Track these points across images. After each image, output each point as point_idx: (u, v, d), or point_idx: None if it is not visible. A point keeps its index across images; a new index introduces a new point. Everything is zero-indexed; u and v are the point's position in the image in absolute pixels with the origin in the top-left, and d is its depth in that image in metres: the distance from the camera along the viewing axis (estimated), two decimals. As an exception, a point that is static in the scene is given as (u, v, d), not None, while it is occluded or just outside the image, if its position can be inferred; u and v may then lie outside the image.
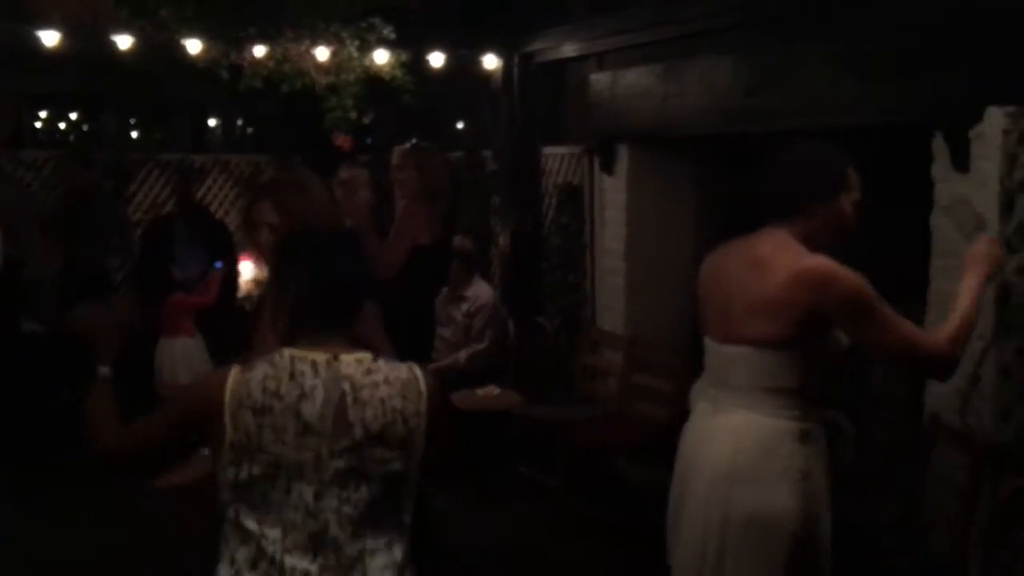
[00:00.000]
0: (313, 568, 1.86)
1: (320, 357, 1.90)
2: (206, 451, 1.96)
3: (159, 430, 1.95)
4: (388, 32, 5.68)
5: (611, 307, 5.74)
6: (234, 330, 6.06)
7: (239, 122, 8.30)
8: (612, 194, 5.71)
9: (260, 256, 2.69)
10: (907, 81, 3.67)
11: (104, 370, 2.03)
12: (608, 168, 5.70)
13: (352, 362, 1.92)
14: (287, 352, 1.91)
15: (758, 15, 4.45)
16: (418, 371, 1.99)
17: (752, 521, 2.35)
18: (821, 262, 2.32)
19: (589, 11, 5.83)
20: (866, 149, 2.75)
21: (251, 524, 1.87)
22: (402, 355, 2.72)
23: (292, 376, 1.86)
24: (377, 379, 1.92)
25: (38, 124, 8.16)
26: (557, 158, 6.28)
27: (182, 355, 5.60)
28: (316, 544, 1.86)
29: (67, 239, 6.61)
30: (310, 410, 1.85)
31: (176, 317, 5.67)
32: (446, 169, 4.64)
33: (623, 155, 5.60)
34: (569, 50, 5.96)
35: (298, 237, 2.13)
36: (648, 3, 5.19)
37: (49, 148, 7.49)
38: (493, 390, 5.51)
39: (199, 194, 7.25)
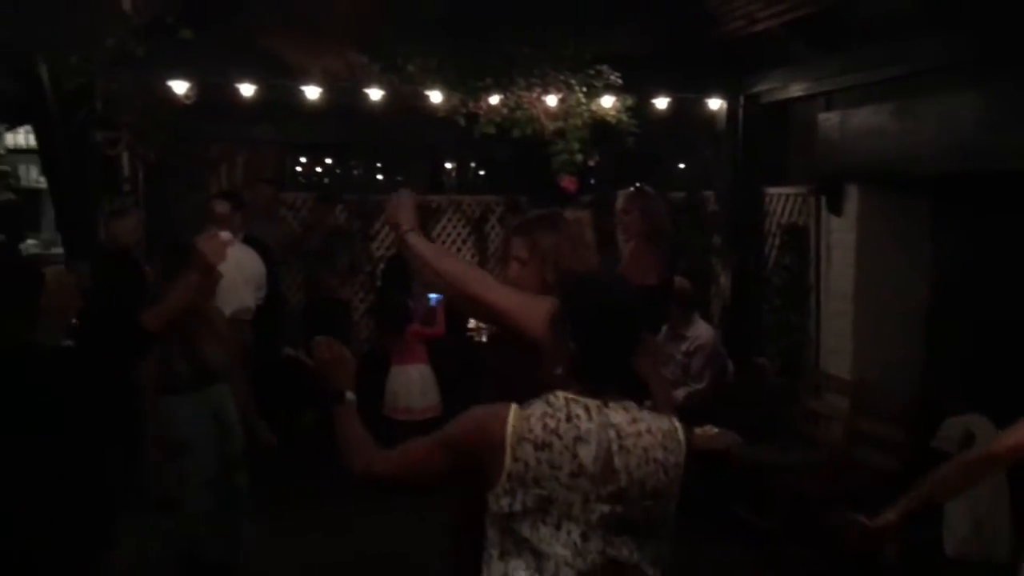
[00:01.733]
0: None
1: (592, 403, 1.95)
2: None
3: (433, 456, 2.00)
4: (615, 78, 5.87)
5: (836, 350, 5.57)
6: (460, 359, 6.43)
7: (472, 165, 8.81)
8: (840, 235, 5.57)
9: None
10: None
11: (350, 395, 2.17)
12: (836, 208, 5.56)
13: (620, 410, 1.97)
14: (561, 394, 1.97)
15: (1002, 49, 4.24)
16: (677, 423, 2.03)
17: None
18: None
19: (816, 51, 5.75)
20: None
21: (519, 559, 1.93)
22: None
23: (568, 418, 1.93)
24: (641, 428, 1.95)
25: (297, 168, 9.09)
26: (780, 198, 6.20)
27: (416, 382, 5.98)
28: None
29: (316, 273, 7.30)
30: (585, 453, 1.90)
31: (411, 346, 6.07)
32: (668, 211, 4.72)
33: (852, 195, 5.46)
34: (796, 90, 5.90)
35: (589, 280, 2.15)
36: (878, 41, 5.06)
37: (305, 191, 8.31)
38: (711, 429, 5.45)
39: (434, 232, 7.78)
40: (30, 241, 7.92)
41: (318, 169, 9.25)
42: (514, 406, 1.96)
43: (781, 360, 5.92)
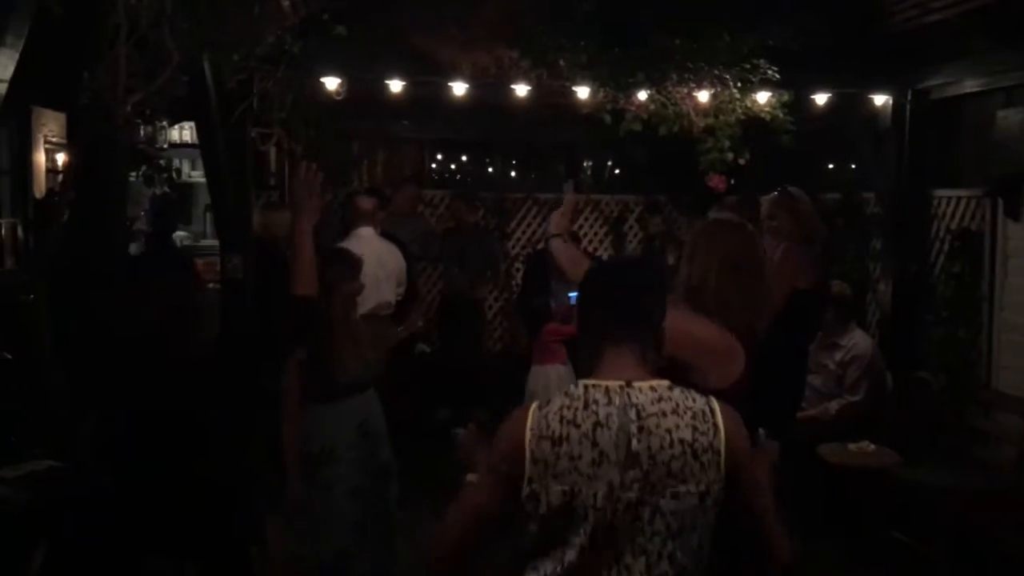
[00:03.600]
0: None
1: (613, 384, 1.86)
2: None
3: (485, 492, 1.92)
4: (772, 73, 5.63)
5: (1012, 367, 5.18)
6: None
7: (608, 164, 8.68)
8: (1018, 242, 5.20)
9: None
10: None
11: (472, 477, 2.04)
12: (1014, 213, 5.19)
13: (646, 389, 1.86)
14: (582, 383, 1.90)
15: None
16: (715, 404, 1.89)
17: None
18: None
19: (994, 44, 5.35)
20: None
21: (547, 559, 1.85)
22: (772, 401, 2.64)
23: (586, 405, 1.84)
24: (666, 408, 1.84)
25: (433, 165, 9.15)
26: (951, 201, 5.82)
27: (556, 382, 5.89)
28: (611, 573, 1.82)
29: (449, 271, 7.32)
30: (605, 438, 1.81)
31: (550, 345, 5.99)
32: (817, 212, 4.48)
33: (1033, 198, 5.05)
34: (971, 85, 5.52)
35: (595, 269, 2.16)
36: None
37: (441, 188, 8.36)
38: (867, 446, 5.17)
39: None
40: (181, 233, 8.24)
41: (452, 166, 9.29)
42: (533, 406, 1.89)
43: (946, 375, 5.55)
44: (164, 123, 6.57)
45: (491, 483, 1.92)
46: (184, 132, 7.51)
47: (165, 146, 6.86)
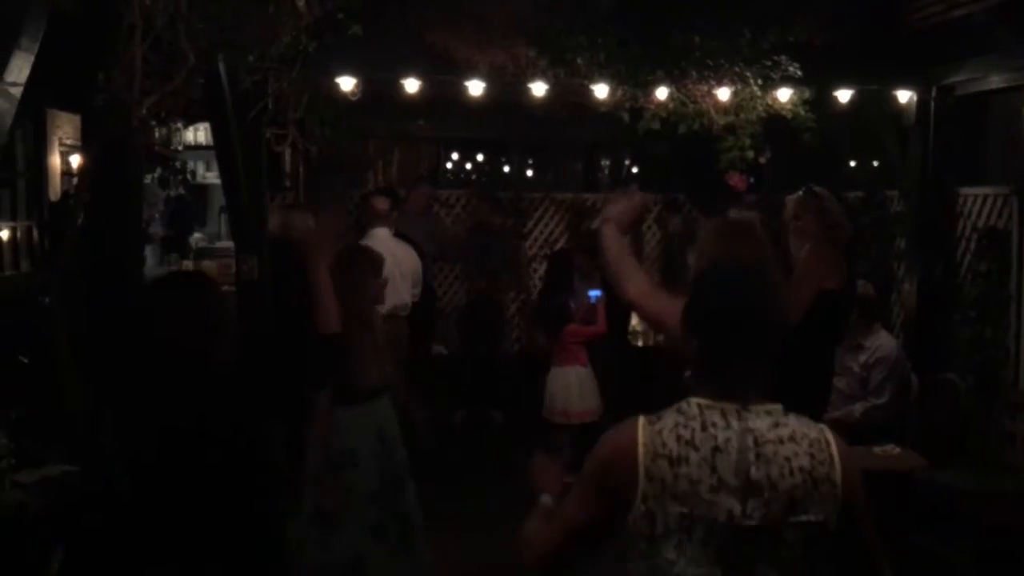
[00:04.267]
0: None
1: (729, 407, 1.78)
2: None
3: (585, 502, 1.85)
4: (794, 70, 5.54)
5: (1041, 368, 5.07)
6: (621, 362, 6.24)
7: (626, 163, 8.63)
8: (1047, 240, 5.07)
9: None
10: None
11: (546, 498, 2.01)
12: (1042, 211, 5.07)
13: (762, 414, 1.78)
14: (694, 401, 1.80)
15: None
16: (830, 434, 1.80)
17: None
18: None
19: (1020, 39, 5.24)
20: None
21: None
22: (796, 403, 2.58)
23: (704, 427, 1.76)
24: (783, 434, 1.76)
25: (449, 165, 9.13)
26: (977, 199, 5.72)
27: (577, 384, 5.84)
28: None
29: (469, 272, 7.27)
30: (725, 465, 1.74)
31: (571, 347, 5.93)
32: (844, 210, 4.39)
33: (1062, 196, 4.95)
34: (997, 81, 5.43)
35: (714, 270, 2.00)
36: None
37: (457, 187, 8.32)
38: (892, 449, 5.07)
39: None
40: (197, 235, 8.25)
41: (468, 166, 9.26)
42: (642, 420, 1.81)
43: (974, 376, 5.45)
44: (179, 124, 6.57)
45: (588, 497, 1.85)
46: (199, 133, 7.51)
47: (180, 148, 6.86)
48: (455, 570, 4.59)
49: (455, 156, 9.03)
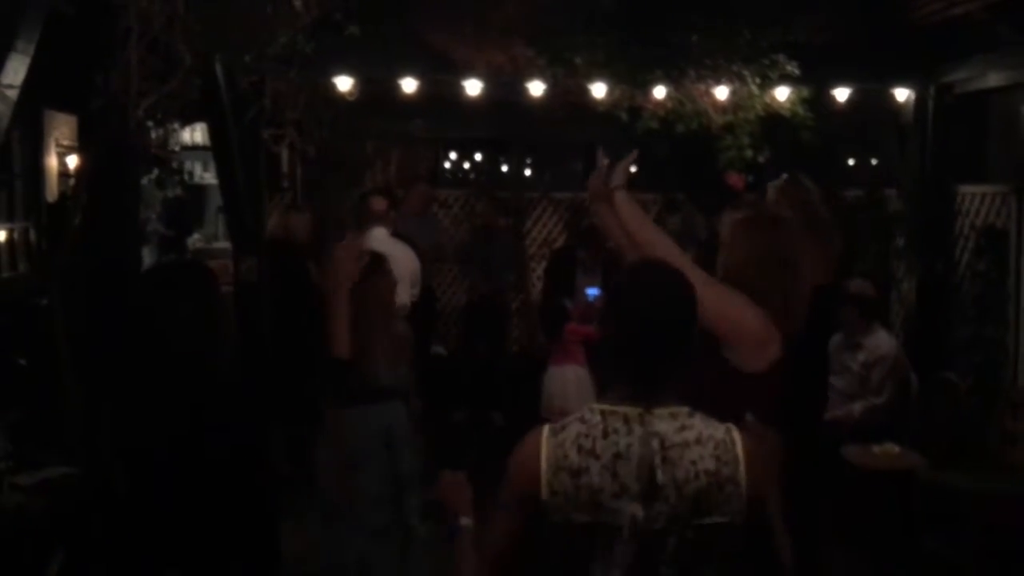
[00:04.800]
0: None
1: (632, 411, 1.77)
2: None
3: (509, 524, 1.85)
4: (792, 68, 5.54)
5: (1040, 367, 5.07)
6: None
7: (625, 162, 8.63)
8: (1046, 239, 5.07)
9: None
10: None
11: (466, 520, 1.99)
12: (1042, 210, 5.07)
13: (667, 417, 1.78)
14: (597, 407, 1.80)
15: None
16: (736, 434, 1.81)
17: None
18: None
19: (1018, 37, 5.24)
20: None
21: None
22: (795, 402, 2.56)
23: (605, 434, 1.76)
24: (689, 437, 1.77)
25: (447, 164, 9.13)
26: (976, 198, 5.73)
27: (575, 384, 5.83)
28: None
29: (470, 272, 7.27)
30: (626, 471, 1.74)
31: (569, 346, 5.92)
32: (823, 202, 4.31)
33: (1061, 194, 4.96)
34: (996, 79, 5.43)
35: (625, 279, 1.94)
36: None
37: (456, 187, 8.33)
38: (892, 448, 5.08)
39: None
40: (195, 235, 8.23)
41: (467, 165, 9.26)
42: (546, 430, 1.82)
43: (973, 376, 5.44)
44: (176, 125, 6.56)
45: (509, 515, 1.85)
46: (196, 134, 7.50)
47: (177, 148, 6.85)
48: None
49: (453, 156, 9.04)
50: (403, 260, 5.79)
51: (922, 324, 5.91)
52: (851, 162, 7.52)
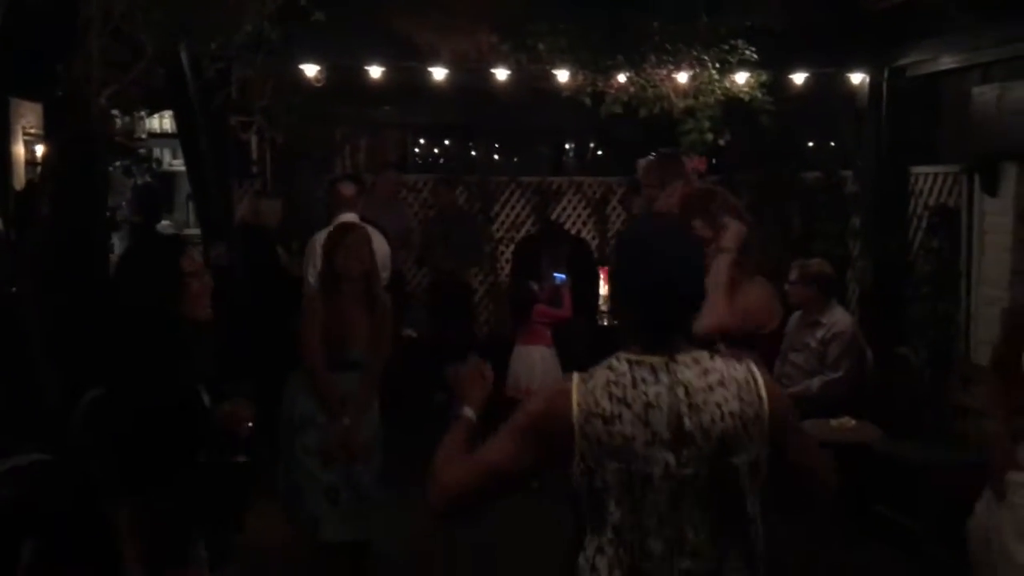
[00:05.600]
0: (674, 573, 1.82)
1: (657, 360, 1.84)
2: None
3: (510, 449, 1.89)
4: (750, 53, 5.64)
5: (989, 341, 5.21)
6: (588, 342, 6.33)
7: (591, 145, 8.72)
8: (995, 217, 5.21)
9: None
10: None
11: (469, 411, 2.02)
12: (990, 189, 5.21)
13: (689, 362, 1.85)
14: (624, 356, 1.87)
15: None
16: (756, 372, 1.88)
17: None
18: None
19: (972, 19, 5.36)
20: None
21: (608, 532, 1.84)
22: None
23: (634, 383, 1.83)
24: (712, 381, 1.83)
25: (416, 150, 9.17)
26: (928, 178, 5.85)
27: (540, 364, 5.93)
28: (675, 550, 1.82)
29: (436, 255, 7.33)
30: (658, 419, 1.81)
31: (536, 327, 6.02)
32: (688, 171, 4.26)
33: (1010, 174, 5.09)
34: (948, 62, 5.53)
35: (635, 232, 2.05)
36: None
37: (425, 172, 8.38)
38: (849, 422, 5.21)
39: (555, 214, 7.71)
40: (165, 222, 8.24)
41: (436, 151, 9.31)
42: (576, 377, 1.88)
43: (927, 351, 5.59)
44: (143, 113, 6.57)
45: (519, 447, 1.88)
46: (165, 121, 7.50)
47: (144, 136, 6.85)
48: (416, 542, 4.64)
49: (422, 141, 9.09)
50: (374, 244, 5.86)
51: (877, 301, 6.04)
52: (811, 144, 7.63)
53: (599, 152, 8.72)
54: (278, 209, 6.02)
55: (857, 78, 6.06)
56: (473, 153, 9.42)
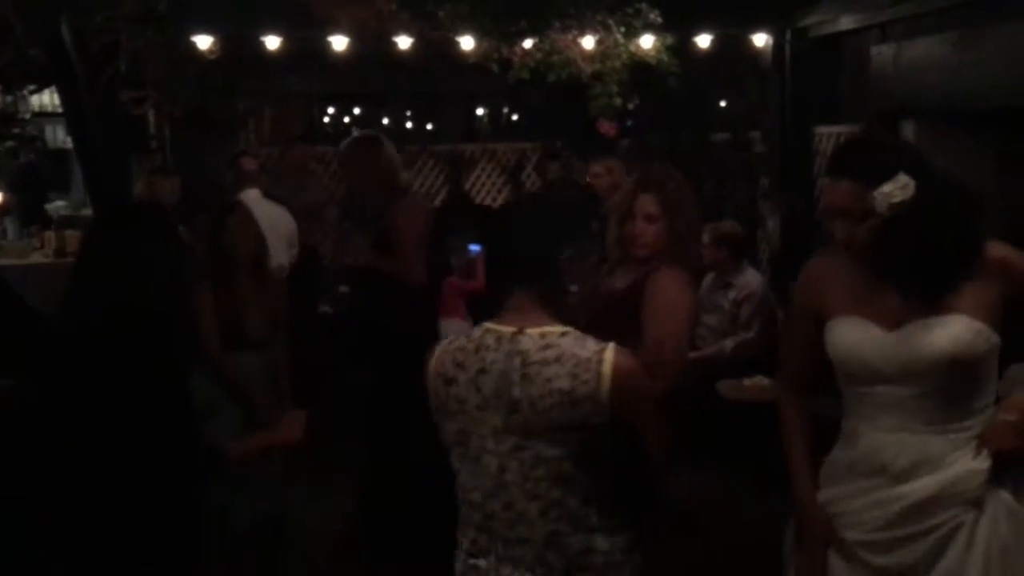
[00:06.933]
0: (511, 538, 1.88)
1: (506, 330, 1.89)
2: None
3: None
4: (655, 17, 5.62)
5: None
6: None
7: (504, 111, 8.64)
8: (895, 175, 5.32)
9: (631, 246, 2.68)
10: None
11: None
12: (890, 147, 5.32)
13: (535, 336, 1.87)
14: (484, 325, 1.94)
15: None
16: (609, 353, 1.86)
17: None
18: None
19: (870, -21, 5.45)
20: None
21: (460, 491, 1.96)
22: None
23: (477, 349, 1.89)
24: (549, 356, 1.85)
25: (326, 120, 8.95)
26: (832, 137, 5.95)
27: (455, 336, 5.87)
28: (511, 516, 1.88)
29: (342, 231, 7.16)
30: (487, 385, 1.86)
31: (450, 300, 5.95)
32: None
33: (908, 132, 5.20)
34: (848, 22, 5.61)
35: (496, 211, 2.20)
36: (941, -34, 4.77)
37: (335, 143, 8.17)
38: (762, 380, 5.30)
39: (469, 182, 7.61)
40: (59, 203, 7.87)
41: (346, 120, 9.11)
42: (445, 341, 1.99)
43: (835, 307, 5.71)
44: (25, 92, 6.23)
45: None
46: (55, 98, 7.14)
47: (27, 116, 6.51)
48: (328, 517, 4.59)
49: (331, 111, 8.87)
50: (279, 221, 5.68)
51: (787, 261, 6.15)
52: (723, 104, 7.70)
53: (514, 117, 8.65)
54: (175, 187, 5.77)
55: (761, 39, 6.10)
56: (385, 121, 9.24)
